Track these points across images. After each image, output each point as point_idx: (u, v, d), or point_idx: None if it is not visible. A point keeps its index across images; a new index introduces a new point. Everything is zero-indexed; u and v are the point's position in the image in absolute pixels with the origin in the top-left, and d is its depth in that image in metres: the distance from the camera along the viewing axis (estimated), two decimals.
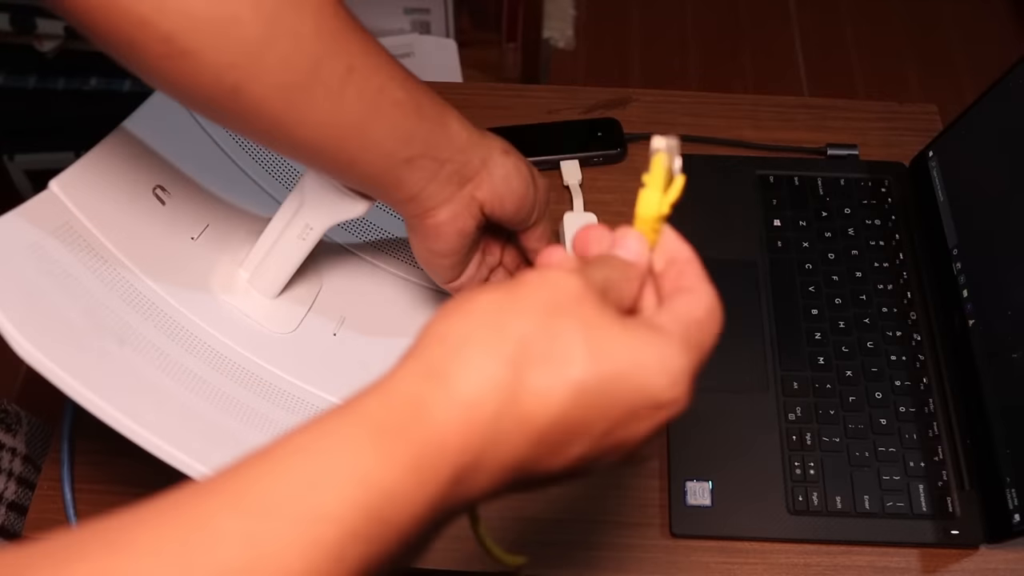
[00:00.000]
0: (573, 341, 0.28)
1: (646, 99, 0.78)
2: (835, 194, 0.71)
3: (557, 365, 0.27)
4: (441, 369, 0.26)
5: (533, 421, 0.27)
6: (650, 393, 0.29)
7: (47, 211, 0.47)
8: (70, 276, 0.46)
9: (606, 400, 0.28)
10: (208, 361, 0.50)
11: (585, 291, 0.29)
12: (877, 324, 0.65)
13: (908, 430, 0.61)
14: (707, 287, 0.34)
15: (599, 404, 0.28)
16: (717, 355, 0.63)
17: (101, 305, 0.46)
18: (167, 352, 0.48)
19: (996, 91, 0.62)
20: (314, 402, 0.53)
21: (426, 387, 0.26)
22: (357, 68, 0.41)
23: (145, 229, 0.52)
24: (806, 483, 0.59)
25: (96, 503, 0.57)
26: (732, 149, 0.74)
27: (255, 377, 0.51)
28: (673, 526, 0.58)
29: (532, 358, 0.27)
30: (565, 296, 0.29)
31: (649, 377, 0.29)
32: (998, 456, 0.56)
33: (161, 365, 0.47)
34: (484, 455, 0.26)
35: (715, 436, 0.61)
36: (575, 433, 0.28)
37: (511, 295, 0.29)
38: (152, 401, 0.45)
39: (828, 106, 0.78)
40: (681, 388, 0.30)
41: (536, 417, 0.27)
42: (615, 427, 0.29)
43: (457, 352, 0.27)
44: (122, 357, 0.45)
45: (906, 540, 0.57)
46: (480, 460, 0.26)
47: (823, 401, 0.62)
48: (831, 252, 0.68)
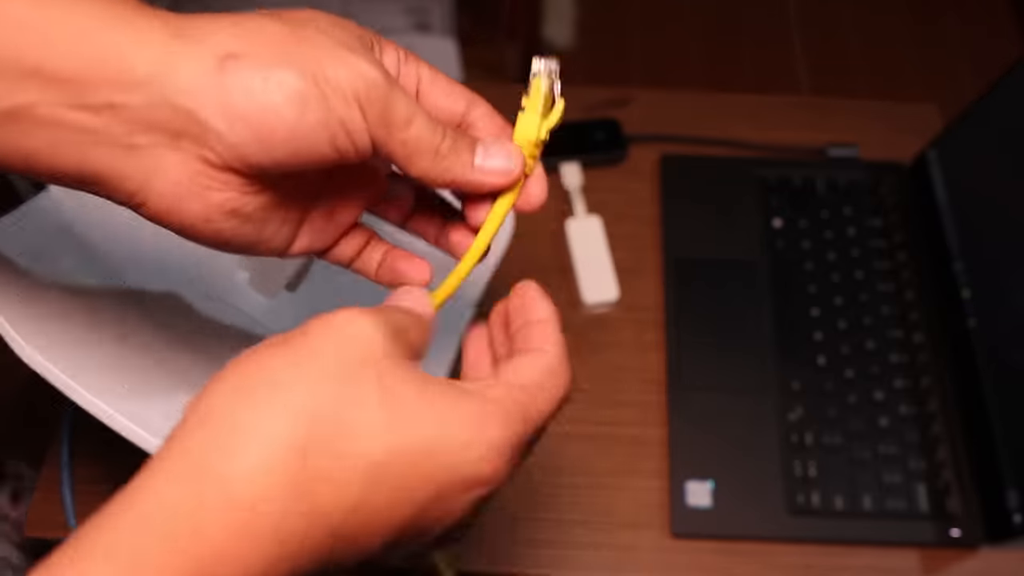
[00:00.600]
0: (369, 414, 0.24)
1: (646, 99, 0.78)
2: (835, 194, 0.71)
3: (350, 444, 0.24)
4: (208, 465, 0.23)
5: (328, 516, 0.23)
6: (458, 471, 0.25)
7: (47, 212, 0.47)
8: (70, 277, 0.46)
9: (409, 482, 0.25)
10: (209, 361, 0.50)
11: (383, 345, 0.26)
12: (877, 325, 0.65)
13: (908, 431, 0.61)
14: (555, 348, 0.31)
15: (402, 486, 0.24)
16: (717, 355, 0.64)
17: (100, 305, 0.46)
18: (167, 352, 0.48)
19: (996, 91, 0.62)
20: None
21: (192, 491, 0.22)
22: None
23: (145, 230, 0.52)
24: (806, 483, 0.59)
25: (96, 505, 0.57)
26: (732, 149, 0.74)
27: None
28: (673, 526, 0.58)
29: (320, 439, 0.23)
30: (359, 354, 0.25)
31: (456, 452, 0.25)
32: (998, 456, 0.56)
33: (161, 365, 0.47)
34: (273, 560, 0.23)
35: (715, 436, 0.61)
36: (377, 521, 0.24)
37: (292, 356, 0.25)
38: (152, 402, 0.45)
39: (828, 106, 0.78)
40: (495, 464, 0.26)
41: (331, 510, 0.23)
42: (423, 510, 0.25)
43: (229, 438, 0.23)
44: (122, 357, 0.45)
45: (906, 540, 0.57)
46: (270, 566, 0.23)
47: (823, 402, 0.62)
48: (831, 253, 0.68)
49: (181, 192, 0.28)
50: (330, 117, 0.27)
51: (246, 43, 0.27)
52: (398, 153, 0.29)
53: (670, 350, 0.64)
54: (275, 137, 0.27)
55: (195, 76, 0.26)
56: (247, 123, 0.27)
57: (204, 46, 0.26)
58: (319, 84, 0.27)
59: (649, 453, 0.61)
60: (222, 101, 0.26)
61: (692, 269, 0.68)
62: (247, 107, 0.26)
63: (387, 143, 0.29)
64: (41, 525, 0.57)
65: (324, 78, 0.27)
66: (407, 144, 0.29)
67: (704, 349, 0.64)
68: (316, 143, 0.27)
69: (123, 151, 0.27)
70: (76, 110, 0.26)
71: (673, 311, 0.66)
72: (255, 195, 0.30)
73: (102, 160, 0.27)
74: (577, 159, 0.72)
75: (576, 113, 0.75)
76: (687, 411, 0.62)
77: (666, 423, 0.62)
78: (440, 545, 0.28)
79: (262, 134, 0.27)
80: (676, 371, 0.64)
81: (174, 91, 0.26)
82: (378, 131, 0.28)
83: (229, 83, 0.26)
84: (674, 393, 0.63)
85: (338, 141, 0.28)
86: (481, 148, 0.31)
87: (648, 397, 0.63)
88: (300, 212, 0.33)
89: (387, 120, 0.28)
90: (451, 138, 0.30)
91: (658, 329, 0.66)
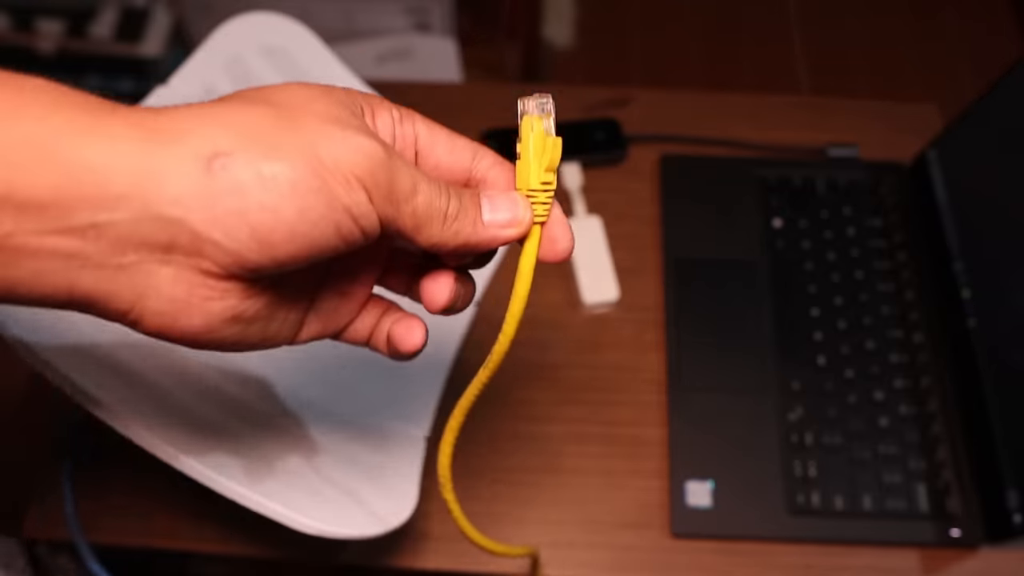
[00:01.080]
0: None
1: (646, 99, 0.78)
2: (835, 194, 0.71)
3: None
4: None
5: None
6: None
7: None
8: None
9: None
10: (211, 361, 0.50)
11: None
12: (877, 325, 0.65)
13: (908, 431, 0.61)
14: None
15: None
16: (717, 356, 0.64)
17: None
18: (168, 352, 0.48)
19: (996, 91, 0.62)
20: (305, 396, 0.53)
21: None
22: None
23: None
24: (806, 483, 0.59)
25: (97, 510, 0.58)
26: (732, 149, 0.74)
27: (256, 378, 0.51)
28: (673, 526, 0.58)
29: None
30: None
31: None
32: (998, 456, 0.56)
33: (161, 365, 0.47)
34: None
35: (715, 436, 0.61)
36: None
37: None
38: (155, 402, 0.45)
39: (828, 106, 0.78)
40: None
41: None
42: None
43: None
44: (124, 358, 0.45)
45: (906, 540, 0.57)
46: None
47: (823, 402, 0.62)
48: (831, 253, 0.68)
49: (179, 307, 0.26)
50: (334, 206, 0.25)
51: (231, 137, 0.24)
52: (407, 226, 0.27)
53: (670, 350, 0.64)
54: (276, 237, 0.25)
55: (181, 182, 0.24)
56: (244, 226, 0.24)
57: (186, 146, 0.24)
58: (317, 172, 0.25)
59: (649, 453, 0.61)
60: (214, 206, 0.24)
61: (692, 269, 0.68)
62: (242, 209, 0.24)
63: (396, 219, 0.27)
64: (42, 529, 0.57)
65: (321, 164, 0.25)
66: (416, 215, 0.27)
67: (704, 349, 0.65)
68: (322, 236, 0.25)
69: (112, 271, 0.25)
70: (57, 235, 0.23)
71: (673, 311, 0.66)
72: (258, 296, 0.28)
73: (90, 283, 0.24)
74: (577, 159, 0.72)
75: (576, 113, 0.75)
76: (687, 411, 0.62)
77: (666, 423, 0.62)
78: None
79: (262, 235, 0.25)
80: (676, 371, 0.64)
81: (160, 202, 0.24)
82: (386, 209, 0.26)
83: (219, 185, 0.24)
84: (674, 393, 0.63)
85: (344, 230, 0.26)
86: (486, 202, 0.29)
87: (648, 397, 0.63)
88: (307, 301, 0.31)
89: (394, 196, 0.26)
90: (456, 197, 0.28)
91: (658, 329, 0.66)
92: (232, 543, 0.57)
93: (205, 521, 0.57)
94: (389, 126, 0.29)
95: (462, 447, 0.35)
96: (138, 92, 0.55)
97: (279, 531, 0.45)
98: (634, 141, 0.74)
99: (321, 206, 0.25)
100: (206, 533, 0.57)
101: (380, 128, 0.29)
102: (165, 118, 0.25)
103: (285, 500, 0.44)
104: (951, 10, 1.78)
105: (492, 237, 0.29)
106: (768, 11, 1.79)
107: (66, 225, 0.23)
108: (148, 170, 0.24)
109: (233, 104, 0.26)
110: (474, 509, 0.58)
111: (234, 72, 0.60)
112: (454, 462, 0.36)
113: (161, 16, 1.29)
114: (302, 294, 0.31)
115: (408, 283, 0.34)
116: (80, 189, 0.23)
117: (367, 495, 0.49)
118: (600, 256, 0.68)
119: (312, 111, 0.26)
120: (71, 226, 0.23)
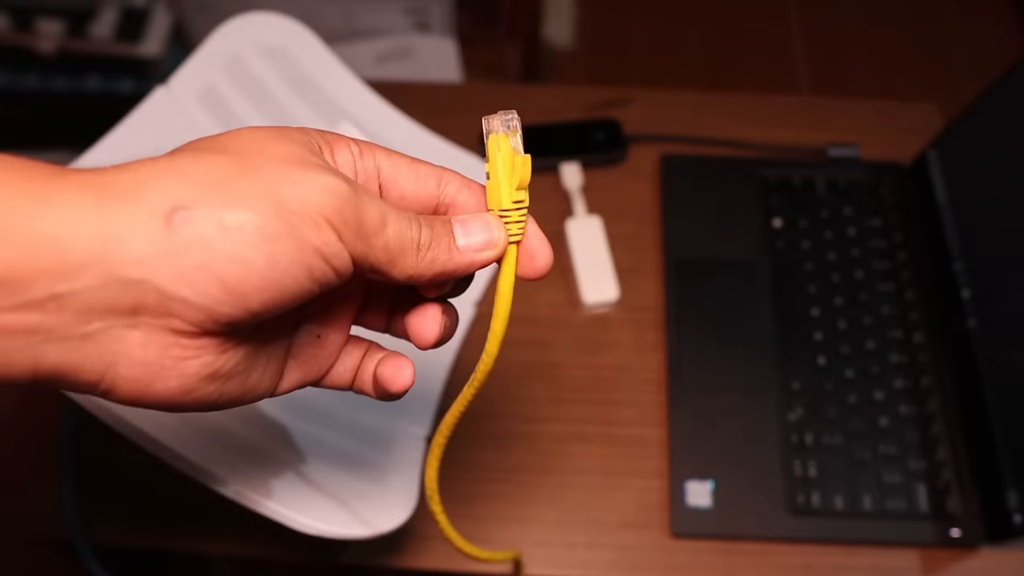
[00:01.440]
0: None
1: (646, 99, 0.78)
2: (835, 194, 0.71)
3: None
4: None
5: None
6: None
7: None
8: None
9: None
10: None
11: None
12: (877, 325, 0.65)
13: (908, 431, 0.61)
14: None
15: None
16: (717, 355, 0.64)
17: None
18: None
19: (996, 91, 0.62)
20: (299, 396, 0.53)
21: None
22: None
23: None
24: (806, 483, 0.59)
25: (96, 511, 0.58)
26: (732, 149, 0.74)
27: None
28: (673, 526, 0.58)
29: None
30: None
31: None
32: (998, 456, 0.56)
33: None
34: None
35: (715, 436, 0.61)
36: None
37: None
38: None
39: (828, 105, 0.78)
40: None
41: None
42: None
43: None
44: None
45: (906, 540, 0.57)
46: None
47: (823, 402, 0.62)
48: (831, 253, 0.68)
49: (152, 371, 0.25)
50: (303, 249, 0.24)
51: (189, 188, 0.23)
52: (381, 260, 0.26)
53: (670, 350, 0.64)
54: (247, 287, 0.24)
55: (141, 241, 0.23)
56: (213, 280, 0.23)
57: (142, 203, 0.23)
58: (283, 216, 0.24)
59: (649, 453, 0.61)
60: (178, 263, 0.23)
61: (692, 269, 0.68)
62: (208, 262, 0.23)
63: (368, 255, 0.26)
64: (41, 530, 0.57)
65: (286, 207, 0.24)
66: (389, 248, 0.26)
67: (704, 349, 0.64)
68: (294, 282, 0.24)
69: (78, 342, 0.23)
70: (16, 311, 0.22)
71: (673, 311, 0.66)
72: (234, 349, 0.26)
73: (56, 356, 0.23)
74: (577, 159, 0.72)
75: (576, 113, 0.75)
76: (687, 411, 0.62)
77: (666, 423, 0.62)
78: None
79: (232, 287, 0.24)
80: (676, 371, 0.64)
81: (121, 264, 0.23)
82: (357, 246, 0.25)
83: (181, 240, 0.23)
84: (674, 393, 0.63)
85: (317, 272, 0.25)
86: (459, 226, 0.29)
87: (648, 397, 0.63)
88: (284, 349, 0.30)
89: (363, 231, 0.25)
90: (427, 226, 0.28)
91: (658, 329, 0.66)
92: (232, 543, 0.57)
93: (205, 521, 0.57)
94: (349, 161, 0.28)
95: (462, 447, 0.35)
96: (138, 92, 0.55)
97: (279, 531, 0.45)
98: (634, 141, 0.74)
99: (291, 251, 0.24)
100: (206, 533, 0.57)
101: (341, 164, 0.28)
102: (116, 176, 0.23)
103: (285, 500, 0.44)
104: (951, 10, 1.78)
105: (469, 262, 0.29)
106: (768, 11, 1.79)
107: (25, 300, 0.22)
108: (106, 233, 0.22)
109: (187, 155, 0.25)
110: (474, 510, 0.58)
111: (234, 72, 0.60)
112: (455, 462, 0.36)
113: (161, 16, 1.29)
114: (278, 342, 0.29)
115: (387, 319, 0.33)
116: (37, 261, 0.22)
117: (367, 495, 0.49)
118: (600, 256, 0.68)
119: (270, 154, 0.25)
120: (30, 300, 0.22)
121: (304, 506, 0.45)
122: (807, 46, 1.74)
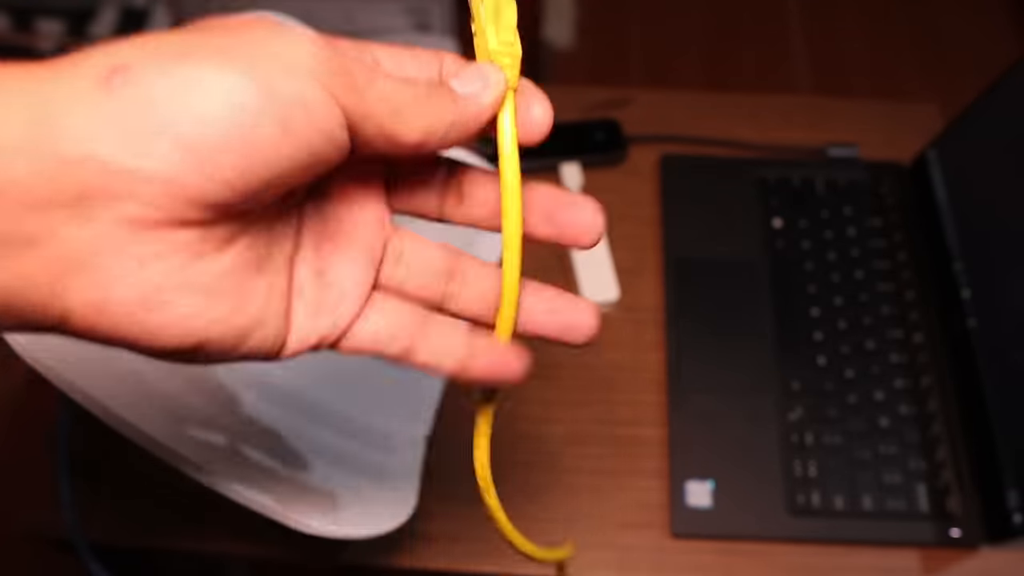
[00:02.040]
0: None
1: (646, 99, 0.78)
2: (835, 194, 0.71)
3: None
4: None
5: None
6: None
7: None
8: None
9: None
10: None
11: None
12: (877, 325, 0.65)
13: (908, 431, 0.61)
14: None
15: None
16: (717, 356, 0.64)
17: None
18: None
19: (996, 91, 0.62)
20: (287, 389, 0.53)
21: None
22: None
23: None
24: (806, 483, 0.59)
25: (94, 507, 0.58)
26: (732, 149, 0.74)
27: (257, 380, 0.51)
28: (673, 526, 0.58)
29: None
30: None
31: None
32: (998, 456, 0.56)
33: (162, 364, 0.47)
34: None
35: (715, 436, 0.61)
36: None
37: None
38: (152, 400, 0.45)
39: (828, 106, 0.78)
40: None
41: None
42: None
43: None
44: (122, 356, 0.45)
45: (906, 540, 0.57)
46: None
47: (823, 402, 0.62)
48: (831, 253, 0.68)
49: (111, 278, 0.20)
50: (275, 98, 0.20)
51: (131, 50, 0.20)
52: (382, 113, 0.22)
53: (670, 350, 0.64)
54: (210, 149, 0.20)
55: (75, 109, 0.19)
56: (167, 142, 0.19)
57: (78, 70, 0.19)
58: (250, 64, 0.20)
59: (649, 453, 0.61)
60: (123, 128, 0.19)
61: (692, 269, 0.68)
62: (159, 125, 0.19)
63: (366, 109, 0.22)
64: (40, 528, 0.57)
65: (252, 56, 0.20)
66: (387, 99, 0.23)
67: (704, 349, 0.64)
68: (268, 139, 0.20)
69: (17, 249, 0.19)
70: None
71: (673, 311, 0.66)
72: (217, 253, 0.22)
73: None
74: (577, 159, 0.72)
75: (576, 113, 0.75)
76: (687, 411, 0.62)
77: (666, 423, 0.62)
78: None
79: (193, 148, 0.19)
80: (676, 371, 0.64)
81: (56, 139, 0.19)
82: (348, 97, 0.21)
83: (123, 103, 0.19)
84: (674, 393, 0.63)
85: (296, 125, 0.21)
86: (454, 81, 0.26)
87: (648, 397, 0.63)
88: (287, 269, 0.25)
89: (353, 81, 0.22)
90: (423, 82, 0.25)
91: (658, 329, 0.66)
92: (232, 543, 0.57)
93: (205, 521, 0.57)
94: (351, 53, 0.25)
95: (462, 447, 0.35)
96: None
97: (279, 531, 0.45)
98: (634, 141, 0.74)
99: (259, 100, 0.20)
100: (206, 533, 0.57)
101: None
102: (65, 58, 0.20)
103: (285, 500, 0.44)
104: (951, 10, 1.78)
105: (476, 110, 0.25)
106: (768, 11, 1.79)
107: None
108: (38, 111, 0.19)
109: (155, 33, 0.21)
110: (474, 510, 0.58)
111: None
112: (454, 462, 0.36)
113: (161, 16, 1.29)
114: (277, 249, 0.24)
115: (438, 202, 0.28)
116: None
117: (367, 495, 0.49)
118: (600, 256, 0.68)
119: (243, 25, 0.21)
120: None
121: (304, 506, 0.45)
122: (807, 46, 1.74)
